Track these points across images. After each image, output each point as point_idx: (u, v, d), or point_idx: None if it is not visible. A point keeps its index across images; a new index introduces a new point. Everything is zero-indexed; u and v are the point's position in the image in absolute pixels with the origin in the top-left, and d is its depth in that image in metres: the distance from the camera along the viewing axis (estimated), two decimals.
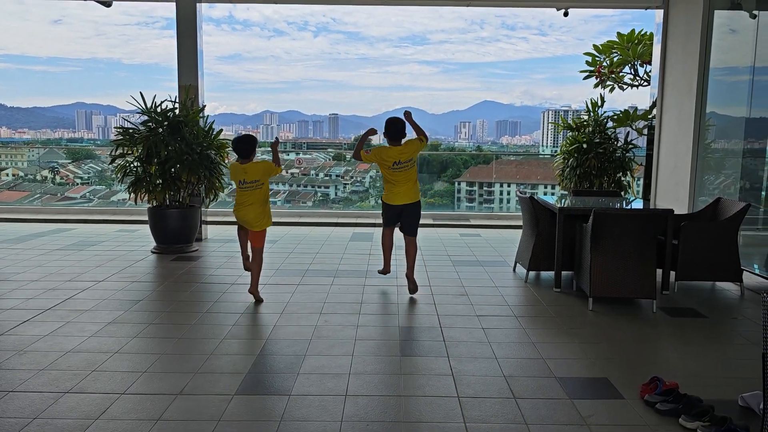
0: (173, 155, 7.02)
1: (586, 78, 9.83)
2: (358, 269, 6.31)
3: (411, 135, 5.35)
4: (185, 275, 6.02)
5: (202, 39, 7.98)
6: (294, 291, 5.40)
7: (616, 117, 9.09)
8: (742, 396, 3.18)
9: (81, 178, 12.66)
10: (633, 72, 9.59)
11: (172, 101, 7.46)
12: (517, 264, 6.34)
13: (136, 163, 7.20)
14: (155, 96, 7.37)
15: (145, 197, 7.16)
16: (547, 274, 6.08)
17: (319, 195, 12.92)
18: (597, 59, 9.73)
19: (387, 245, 5.62)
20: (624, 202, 6.53)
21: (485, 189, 12.25)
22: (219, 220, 9.07)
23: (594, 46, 9.72)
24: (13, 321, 4.43)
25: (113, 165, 7.47)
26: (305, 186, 12.96)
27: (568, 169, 8.87)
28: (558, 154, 9.46)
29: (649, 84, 9.13)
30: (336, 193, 12.91)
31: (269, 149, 5.64)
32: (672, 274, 5.50)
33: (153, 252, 7.10)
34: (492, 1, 8.43)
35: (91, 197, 12.14)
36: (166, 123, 7.20)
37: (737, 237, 5.40)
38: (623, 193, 8.47)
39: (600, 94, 9.27)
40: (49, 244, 7.53)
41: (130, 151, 7.24)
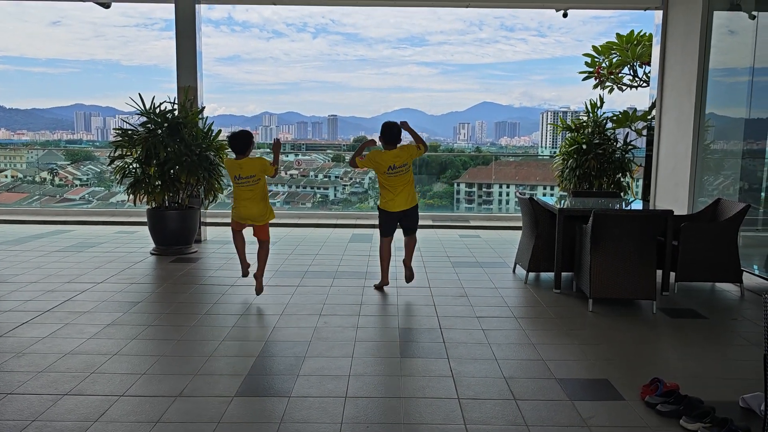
0: (172, 156, 7.01)
1: (585, 79, 9.82)
2: (357, 270, 6.30)
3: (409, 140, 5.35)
4: (184, 277, 6.01)
5: (201, 40, 7.98)
6: (293, 292, 5.39)
7: (615, 118, 9.08)
8: (743, 397, 3.17)
9: (80, 179, 12.65)
10: (632, 73, 9.59)
11: (171, 102, 7.46)
12: (517, 265, 6.34)
13: (135, 165, 7.20)
14: (154, 97, 7.36)
15: (144, 199, 7.15)
16: (547, 275, 6.08)
17: (319, 196, 12.92)
18: (596, 60, 9.72)
19: (386, 256, 5.44)
20: (623, 203, 6.52)
21: (484, 190, 12.25)
22: (218, 221, 9.06)
23: (593, 47, 9.71)
24: (12, 323, 4.42)
25: (112, 166, 7.46)
26: (304, 187, 12.96)
27: (567, 170, 8.87)
28: (557, 155, 9.46)
29: (649, 85, 9.13)
30: (335, 195, 12.91)
31: (270, 150, 5.65)
32: (672, 275, 5.50)
33: (152, 253, 7.09)
34: (491, 2, 8.43)
35: (90, 199, 12.14)
36: (165, 124, 7.19)
37: (737, 238, 5.39)
38: (623, 194, 8.46)
39: (599, 95, 9.27)
40: (48, 245, 7.51)
41: (129, 153, 7.24)
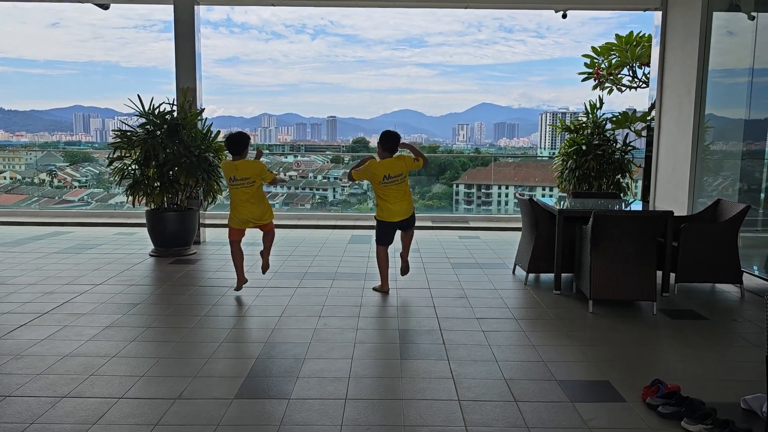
0: (171, 158, 7.00)
1: (584, 80, 9.82)
2: (356, 272, 6.29)
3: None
4: (183, 278, 6.00)
5: (200, 42, 7.97)
6: (293, 294, 5.38)
7: (614, 119, 9.08)
8: (744, 398, 3.16)
9: (79, 181, 12.64)
10: (632, 74, 9.59)
11: (170, 104, 7.44)
12: (517, 266, 6.33)
13: (134, 166, 7.18)
14: (153, 99, 7.36)
15: (143, 200, 7.14)
16: (547, 276, 6.07)
17: (318, 197, 12.90)
18: (595, 61, 9.72)
19: (384, 262, 5.39)
20: (623, 204, 6.51)
21: (484, 191, 12.24)
22: (217, 222, 9.04)
23: (592, 48, 9.71)
24: (10, 325, 4.41)
25: (111, 168, 7.44)
26: (303, 188, 12.95)
27: (567, 171, 8.86)
28: (557, 155, 9.45)
29: (648, 86, 9.13)
30: (334, 196, 12.90)
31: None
32: (672, 276, 5.49)
33: (151, 255, 7.07)
34: (490, 2, 8.42)
35: (89, 200, 12.12)
36: (164, 126, 7.18)
37: (737, 239, 5.39)
38: (622, 195, 8.46)
39: (598, 96, 9.27)
40: (47, 247, 7.50)
41: (127, 154, 7.22)
